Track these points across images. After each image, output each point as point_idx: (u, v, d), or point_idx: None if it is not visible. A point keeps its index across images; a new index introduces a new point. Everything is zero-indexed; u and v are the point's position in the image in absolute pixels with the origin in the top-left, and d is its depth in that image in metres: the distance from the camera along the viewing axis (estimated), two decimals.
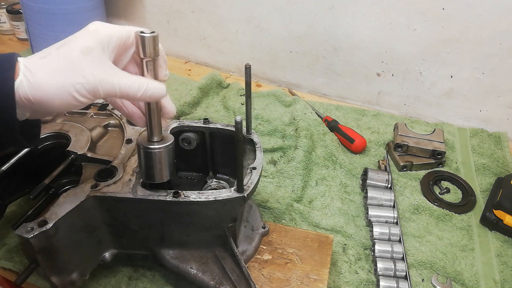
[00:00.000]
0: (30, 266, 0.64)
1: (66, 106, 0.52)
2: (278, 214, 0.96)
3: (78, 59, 0.51)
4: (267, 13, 1.37)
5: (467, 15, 1.12)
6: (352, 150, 1.17)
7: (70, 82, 0.50)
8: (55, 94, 0.50)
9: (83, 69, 0.51)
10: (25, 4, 1.39)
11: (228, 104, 1.31)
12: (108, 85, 0.52)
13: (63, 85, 0.50)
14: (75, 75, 0.50)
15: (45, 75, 0.50)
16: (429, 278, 0.86)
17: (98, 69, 0.51)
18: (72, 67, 0.50)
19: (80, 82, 0.50)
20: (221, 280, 0.73)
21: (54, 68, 0.50)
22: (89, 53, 0.51)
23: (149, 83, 0.55)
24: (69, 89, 0.50)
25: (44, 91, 0.49)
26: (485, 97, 1.24)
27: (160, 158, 0.65)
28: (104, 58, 0.53)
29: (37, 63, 0.51)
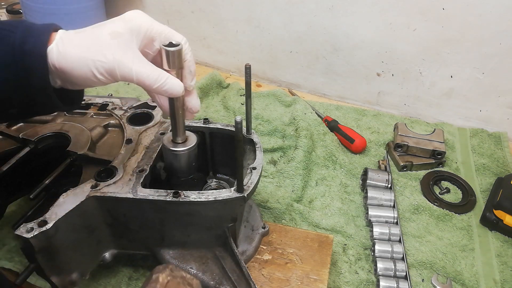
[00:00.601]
0: (30, 266, 0.64)
1: (85, 79, 0.55)
2: (278, 214, 0.96)
3: (105, 39, 0.54)
4: (267, 13, 1.36)
5: (467, 15, 1.12)
6: (352, 150, 1.17)
7: (91, 58, 0.53)
8: (76, 66, 0.54)
9: (106, 49, 0.54)
10: (25, 4, 1.39)
11: (228, 104, 1.31)
12: (126, 69, 0.54)
13: (84, 59, 0.54)
14: (97, 52, 0.54)
15: (71, 47, 0.54)
16: (429, 278, 0.85)
17: (119, 52, 0.54)
18: (97, 45, 0.54)
19: (100, 60, 0.54)
20: (221, 280, 0.73)
21: (82, 43, 0.54)
22: (116, 37, 0.55)
23: (168, 78, 0.57)
24: (89, 64, 0.54)
25: (68, 61, 0.53)
26: (485, 97, 1.24)
27: (183, 159, 0.70)
28: (130, 45, 0.55)
29: (71, 36, 0.55)
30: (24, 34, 0.54)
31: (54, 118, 0.89)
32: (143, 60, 0.56)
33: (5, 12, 1.64)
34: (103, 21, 0.58)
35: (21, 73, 0.53)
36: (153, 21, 0.59)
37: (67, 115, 0.90)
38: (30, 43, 0.53)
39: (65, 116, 0.90)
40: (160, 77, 0.56)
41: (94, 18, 1.47)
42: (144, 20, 0.58)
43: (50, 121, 0.88)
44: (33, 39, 0.54)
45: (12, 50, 0.53)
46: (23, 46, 0.53)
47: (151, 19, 0.59)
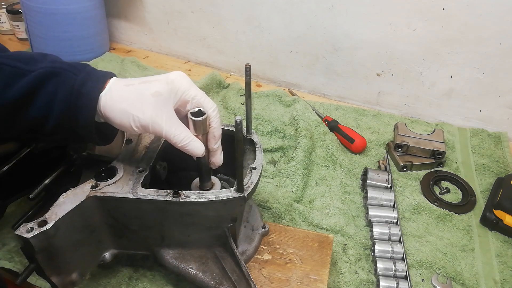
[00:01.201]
0: (30, 266, 0.64)
1: (123, 127, 0.64)
2: (278, 214, 0.96)
3: (147, 98, 0.62)
4: (267, 13, 1.36)
5: (467, 15, 1.12)
6: (352, 150, 1.17)
7: (131, 113, 0.62)
8: (118, 116, 0.62)
9: (146, 107, 0.62)
10: (25, 4, 1.39)
11: (228, 104, 1.31)
12: (157, 127, 0.62)
13: (126, 113, 0.62)
14: (137, 109, 0.62)
15: (118, 99, 0.62)
16: (429, 278, 0.86)
17: (156, 112, 0.62)
18: (139, 102, 0.62)
19: (138, 116, 0.62)
20: (221, 280, 0.73)
21: (128, 97, 0.63)
22: (157, 97, 0.63)
23: (191, 140, 0.65)
24: (129, 117, 0.62)
25: (112, 111, 0.62)
26: (485, 97, 1.24)
27: None
28: (167, 104, 0.63)
29: (119, 87, 0.64)
30: (85, 78, 0.63)
31: None
32: (174, 120, 0.64)
33: (5, 12, 1.63)
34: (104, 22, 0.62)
35: (73, 110, 0.62)
36: (191, 84, 0.66)
37: None
38: (88, 87, 0.62)
39: None
40: (185, 138, 0.64)
41: (94, 18, 1.47)
42: (183, 83, 0.65)
43: None
44: (91, 83, 0.63)
45: (71, 89, 0.62)
46: (81, 88, 0.62)
47: (190, 83, 0.66)
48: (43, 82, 0.62)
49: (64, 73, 0.62)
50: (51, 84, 0.62)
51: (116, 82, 0.65)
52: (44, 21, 1.38)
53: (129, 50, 1.67)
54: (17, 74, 0.61)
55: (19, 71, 0.61)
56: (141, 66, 1.51)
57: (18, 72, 0.61)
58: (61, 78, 0.62)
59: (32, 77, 0.61)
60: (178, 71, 0.67)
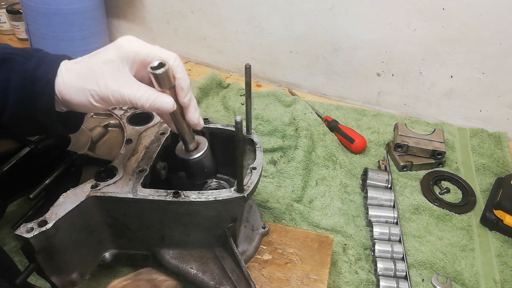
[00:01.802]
0: (30, 266, 0.64)
1: (83, 107, 0.60)
2: (278, 214, 0.96)
3: (99, 69, 0.58)
4: (267, 13, 1.36)
5: (467, 15, 1.12)
6: (352, 150, 1.17)
7: (87, 88, 0.58)
8: (74, 95, 0.58)
9: (99, 78, 0.58)
10: (25, 4, 1.39)
11: (228, 104, 1.31)
12: (118, 95, 0.58)
13: (81, 89, 0.58)
14: (91, 83, 0.58)
15: (70, 78, 0.58)
16: (429, 278, 0.86)
17: (111, 80, 0.58)
18: (91, 75, 0.58)
19: (94, 89, 0.57)
20: (221, 280, 0.73)
21: (79, 73, 0.58)
22: (109, 64, 0.58)
23: (157, 96, 0.59)
24: (85, 93, 0.58)
25: (66, 92, 0.58)
26: (485, 97, 1.24)
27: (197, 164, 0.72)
28: (122, 70, 0.59)
29: (70, 66, 0.59)
30: (38, 62, 0.59)
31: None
32: (133, 83, 0.59)
33: (5, 12, 1.64)
34: (104, 22, 0.60)
35: (30, 96, 0.58)
36: (144, 44, 0.61)
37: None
38: (41, 70, 0.58)
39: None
40: (150, 97, 0.59)
41: (94, 18, 1.47)
42: (134, 45, 0.60)
43: None
44: (44, 66, 0.59)
45: (25, 75, 0.58)
46: (35, 72, 0.58)
47: (141, 43, 0.61)
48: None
49: (16, 59, 0.59)
50: (3, 71, 0.58)
51: (66, 62, 0.60)
52: (44, 21, 1.38)
53: None
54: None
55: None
56: None
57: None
58: (13, 63, 0.58)
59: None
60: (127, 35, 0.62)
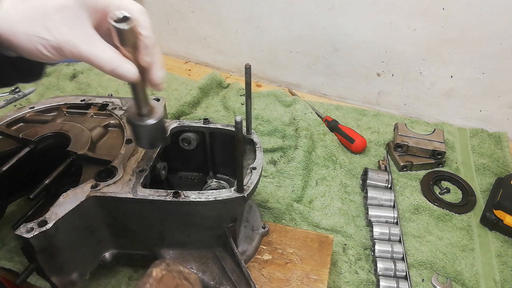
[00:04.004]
0: (30, 266, 0.64)
1: (33, 55, 0.52)
2: (278, 214, 0.96)
3: (51, 14, 0.50)
4: (267, 13, 1.36)
5: (467, 15, 1.12)
6: (352, 150, 1.17)
7: (37, 35, 0.50)
8: (22, 41, 0.50)
9: (52, 27, 0.50)
10: None
11: (228, 104, 1.31)
12: (74, 49, 0.50)
13: (29, 35, 0.50)
14: (42, 30, 0.49)
15: (15, 19, 0.50)
16: (429, 278, 0.86)
17: (66, 29, 0.50)
18: (42, 20, 0.50)
19: (46, 38, 0.50)
20: (221, 280, 0.73)
21: (27, 16, 0.50)
22: (63, 10, 0.50)
23: (119, 61, 0.51)
24: (35, 41, 0.50)
25: (12, 35, 0.50)
26: (485, 97, 1.24)
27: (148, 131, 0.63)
28: (79, 18, 0.50)
29: (16, 5, 0.50)
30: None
31: (54, 118, 0.89)
32: (93, 38, 0.51)
33: None
34: None
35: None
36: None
37: (67, 115, 0.90)
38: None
39: (65, 116, 0.90)
40: (111, 61, 0.51)
41: None
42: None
43: (50, 121, 0.88)
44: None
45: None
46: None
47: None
48: None
49: None
50: None
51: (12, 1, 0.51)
52: None
53: None
54: None
55: None
56: None
57: None
58: None
59: None
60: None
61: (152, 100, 0.66)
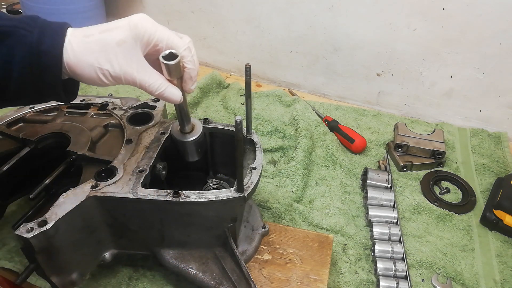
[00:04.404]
0: (30, 266, 0.64)
1: (93, 82, 0.61)
2: (278, 214, 0.96)
3: (112, 48, 0.58)
4: (267, 13, 1.36)
5: (467, 15, 1.12)
6: (352, 150, 1.17)
7: (99, 66, 0.58)
8: (85, 71, 0.59)
9: (113, 59, 0.58)
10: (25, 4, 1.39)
11: (228, 104, 1.31)
12: (130, 78, 0.60)
13: (93, 66, 0.58)
14: (105, 62, 0.58)
15: (81, 53, 0.58)
16: (429, 278, 0.86)
17: (125, 62, 0.59)
18: (104, 54, 0.58)
19: (107, 69, 0.59)
20: (221, 280, 0.73)
21: (91, 50, 0.58)
22: (122, 45, 0.59)
23: (167, 87, 0.62)
24: (97, 71, 0.59)
25: (77, 66, 0.58)
26: (485, 97, 1.24)
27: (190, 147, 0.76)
28: (134, 51, 0.60)
29: (79, 39, 0.59)
30: (40, 35, 0.58)
31: (54, 118, 0.89)
32: (146, 67, 0.60)
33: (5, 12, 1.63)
34: (105, 22, 0.60)
35: (36, 70, 0.58)
36: (157, 27, 0.61)
37: (67, 115, 0.90)
38: (46, 44, 0.57)
39: (65, 116, 0.90)
40: (160, 86, 0.61)
41: (94, 18, 1.47)
42: (147, 26, 0.60)
43: (50, 121, 0.88)
44: (49, 40, 0.58)
45: (30, 49, 0.57)
46: (39, 46, 0.57)
47: (155, 25, 0.61)
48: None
49: (17, 32, 0.58)
50: (5, 46, 0.57)
51: (74, 33, 0.59)
52: None
53: None
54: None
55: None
56: None
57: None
58: (15, 37, 0.57)
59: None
60: (141, 13, 0.62)
61: (193, 118, 0.77)
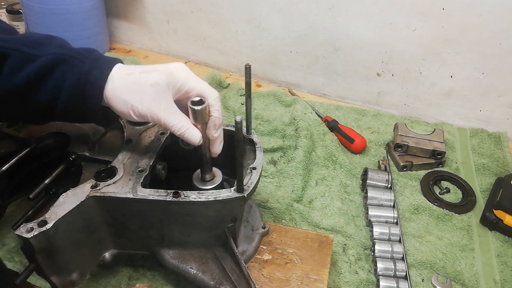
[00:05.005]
0: (30, 266, 0.64)
1: (124, 116, 0.67)
2: (278, 214, 0.96)
3: (146, 89, 0.65)
4: (267, 13, 1.36)
5: (467, 15, 1.12)
6: (352, 150, 1.17)
7: (131, 103, 0.65)
8: (119, 105, 0.66)
9: (145, 99, 0.65)
10: (25, 4, 1.39)
11: (228, 104, 1.31)
12: (155, 117, 0.65)
13: (126, 102, 0.65)
14: (136, 100, 0.65)
15: (119, 89, 0.65)
16: (429, 278, 0.86)
17: (154, 103, 0.65)
18: (138, 93, 0.65)
19: (137, 106, 0.65)
20: (221, 280, 0.73)
21: (128, 87, 0.65)
22: (156, 87, 0.65)
23: (188, 128, 0.66)
24: (129, 107, 0.65)
25: (113, 100, 0.66)
26: (485, 97, 1.24)
27: None
28: (165, 94, 0.65)
29: (121, 76, 0.66)
30: (91, 66, 0.65)
31: None
32: (172, 109, 0.66)
33: (5, 12, 1.63)
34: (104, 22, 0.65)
35: (80, 97, 0.66)
36: (190, 77, 0.67)
37: None
38: (94, 75, 0.65)
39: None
40: (182, 127, 0.66)
41: (94, 18, 1.47)
42: (182, 74, 0.66)
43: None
44: (97, 72, 0.65)
45: (79, 77, 0.65)
46: (88, 76, 0.65)
47: (188, 74, 0.67)
48: (51, 68, 0.64)
49: (72, 60, 0.65)
50: (59, 71, 0.64)
51: (119, 70, 0.66)
52: (44, 21, 1.38)
53: (129, 50, 1.67)
54: (25, 59, 0.63)
55: (27, 56, 0.63)
56: None
57: (26, 57, 0.63)
58: (69, 65, 0.65)
59: (40, 62, 0.63)
60: (179, 62, 0.68)
61: (215, 168, 0.78)
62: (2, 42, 0.63)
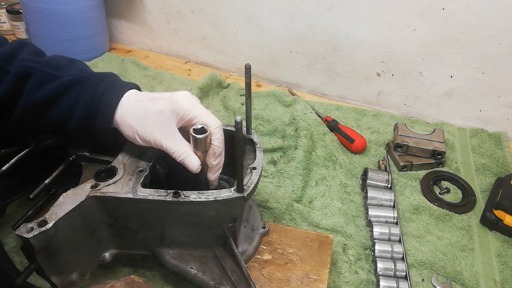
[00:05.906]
0: (30, 266, 0.64)
1: (130, 140, 0.70)
2: (278, 214, 0.96)
3: (150, 116, 0.68)
4: (267, 13, 1.37)
5: (467, 15, 1.12)
6: (352, 150, 1.17)
7: (136, 128, 0.68)
8: (125, 129, 0.69)
9: (149, 125, 0.68)
10: (25, 4, 1.39)
11: (228, 104, 1.31)
12: (158, 143, 0.68)
13: (131, 127, 0.68)
14: (141, 126, 0.68)
15: (127, 114, 0.69)
16: (429, 278, 0.86)
17: (157, 129, 0.68)
18: (143, 119, 0.68)
19: (141, 132, 0.68)
20: (221, 280, 0.73)
21: (135, 114, 0.69)
22: (160, 114, 0.68)
23: (188, 156, 0.68)
24: (134, 131, 0.68)
25: (121, 124, 0.69)
26: (485, 97, 1.24)
27: None
28: (169, 122, 0.68)
29: (131, 102, 0.70)
30: (105, 88, 0.69)
31: None
32: (174, 135, 0.68)
33: (5, 12, 1.63)
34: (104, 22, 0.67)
35: (92, 116, 0.69)
36: (194, 105, 0.70)
37: None
38: (107, 96, 0.69)
39: None
40: (182, 154, 0.68)
41: (94, 18, 1.47)
42: (186, 103, 0.69)
43: None
44: (110, 93, 0.69)
45: (92, 97, 0.68)
46: (101, 97, 0.68)
47: (193, 103, 0.70)
48: (68, 87, 0.69)
49: (88, 82, 0.69)
50: (75, 91, 0.69)
51: (130, 96, 0.70)
52: (44, 21, 1.38)
53: (129, 50, 1.67)
54: (46, 78, 0.69)
55: (48, 76, 0.69)
56: (141, 66, 1.51)
57: (47, 77, 0.69)
58: (85, 86, 0.69)
59: (59, 82, 0.68)
60: (185, 91, 0.71)
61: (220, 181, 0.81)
62: (29, 63, 0.69)
